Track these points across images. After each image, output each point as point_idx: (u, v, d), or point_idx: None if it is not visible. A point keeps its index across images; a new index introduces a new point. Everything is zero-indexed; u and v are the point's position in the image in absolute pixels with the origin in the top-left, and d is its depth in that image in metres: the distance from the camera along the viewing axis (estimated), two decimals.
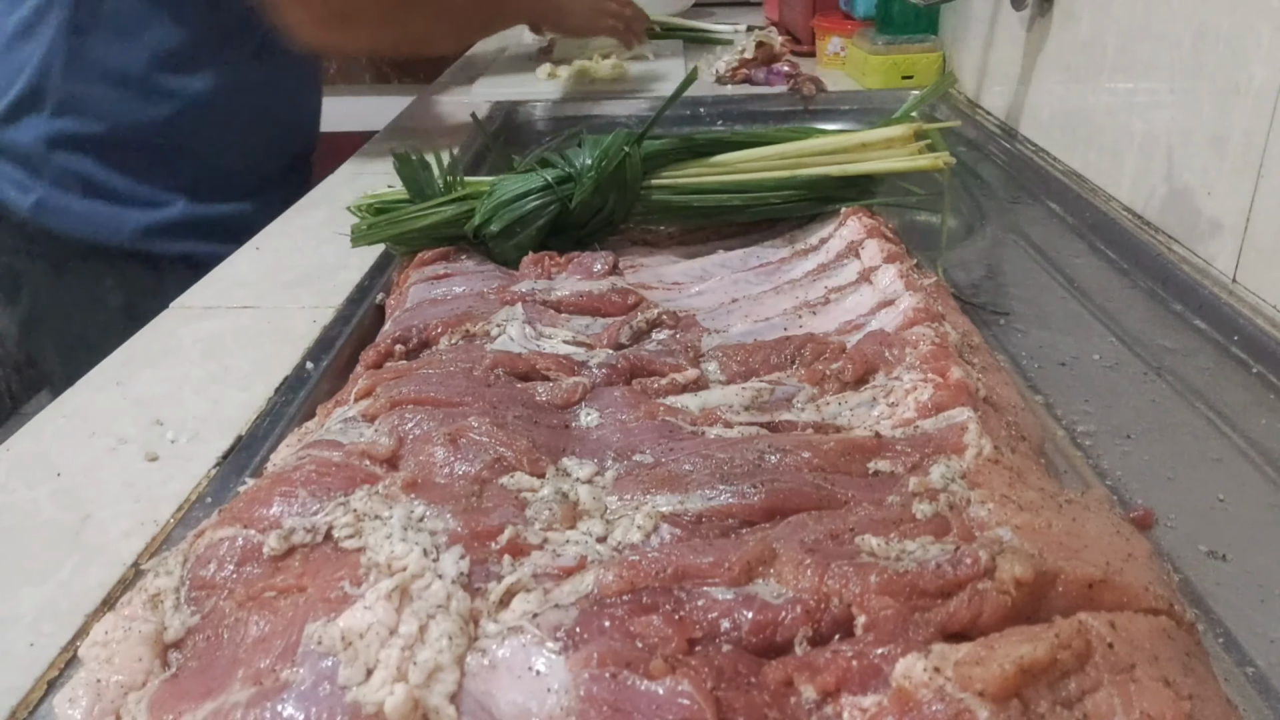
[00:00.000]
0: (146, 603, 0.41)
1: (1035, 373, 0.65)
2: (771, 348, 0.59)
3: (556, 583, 0.39)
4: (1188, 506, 0.51)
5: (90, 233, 1.11)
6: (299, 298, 0.79)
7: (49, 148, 1.09)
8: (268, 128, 1.22)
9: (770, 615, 0.36)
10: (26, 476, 0.57)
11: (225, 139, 1.16)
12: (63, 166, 1.09)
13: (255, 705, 0.34)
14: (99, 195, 1.11)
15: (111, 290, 1.13)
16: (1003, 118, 1.20)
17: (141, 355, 0.71)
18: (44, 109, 1.08)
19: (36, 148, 1.09)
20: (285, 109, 1.25)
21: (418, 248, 0.78)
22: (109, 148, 1.10)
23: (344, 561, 0.40)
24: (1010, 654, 0.33)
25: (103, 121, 1.09)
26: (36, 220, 1.10)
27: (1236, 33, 0.73)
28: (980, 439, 0.47)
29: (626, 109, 1.37)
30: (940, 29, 1.41)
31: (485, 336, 0.63)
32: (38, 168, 1.10)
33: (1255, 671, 0.41)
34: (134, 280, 1.12)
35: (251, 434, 0.60)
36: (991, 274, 0.81)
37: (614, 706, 0.33)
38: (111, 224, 1.11)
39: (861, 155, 0.80)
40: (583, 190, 0.76)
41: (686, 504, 0.43)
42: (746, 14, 2.10)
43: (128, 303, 1.11)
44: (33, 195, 1.10)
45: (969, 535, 0.40)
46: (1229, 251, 0.73)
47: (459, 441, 0.48)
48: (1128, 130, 0.89)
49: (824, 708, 0.34)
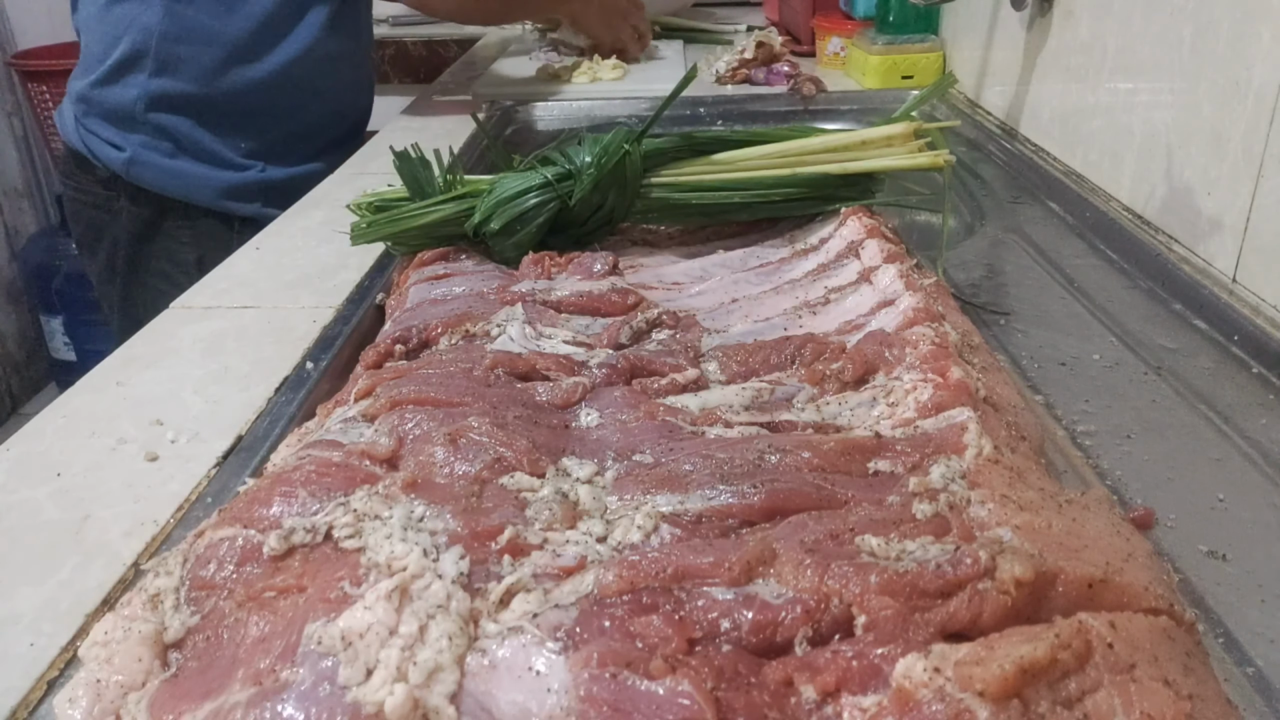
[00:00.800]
0: (146, 603, 0.41)
1: (1035, 373, 0.65)
2: (771, 348, 0.59)
3: (556, 583, 0.39)
4: (1188, 506, 0.51)
5: (178, 190, 1.19)
6: (299, 298, 0.79)
7: (147, 107, 1.16)
8: (336, 95, 1.29)
9: (770, 615, 0.36)
10: (26, 476, 0.57)
11: (302, 105, 1.23)
12: (157, 125, 1.16)
13: (255, 705, 0.34)
14: (188, 155, 1.18)
15: (186, 246, 1.21)
16: (1003, 118, 1.20)
17: (141, 355, 0.71)
18: (145, 69, 1.15)
19: (135, 106, 1.16)
20: (349, 77, 1.32)
21: (417, 246, 0.78)
22: (202, 109, 1.17)
23: (344, 561, 0.40)
24: (1010, 654, 0.33)
25: (198, 83, 1.16)
26: (128, 176, 1.17)
27: (1236, 33, 0.73)
28: (980, 439, 0.47)
29: (627, 109, 1.36)
30: (940, 29, 1.42)
31: (485, 336, 0.63)
32: (133, 126, 1.17)
33: (1255, 671, 0.41)
34: (208, 237, 1.20)
35: (251, 434, 0.60)
36: (991, 274, 0.81)
37: (614, 706, 0.33)
38: (197, 183, 1.19)
39: (862, 153, 0.80)
40: (582, 187, 0.76)
41: (686, 504, 0.43)
42: (746, 14, 2.10)
43: (200, 258, 1.18)
44: (126, 152, 1.17)
45: (969, 535, 0.40)
46: (1229, 251, 0.73)
47: (459, 441, 0.48)
48: (1128, 130, 0.89)
49: (824, 708, 0.34)
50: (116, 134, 1.17)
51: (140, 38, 1.14)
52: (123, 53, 1.14)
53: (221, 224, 1.21)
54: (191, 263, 1.19)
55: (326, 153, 1.27)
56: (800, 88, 1.37)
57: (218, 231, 1.20)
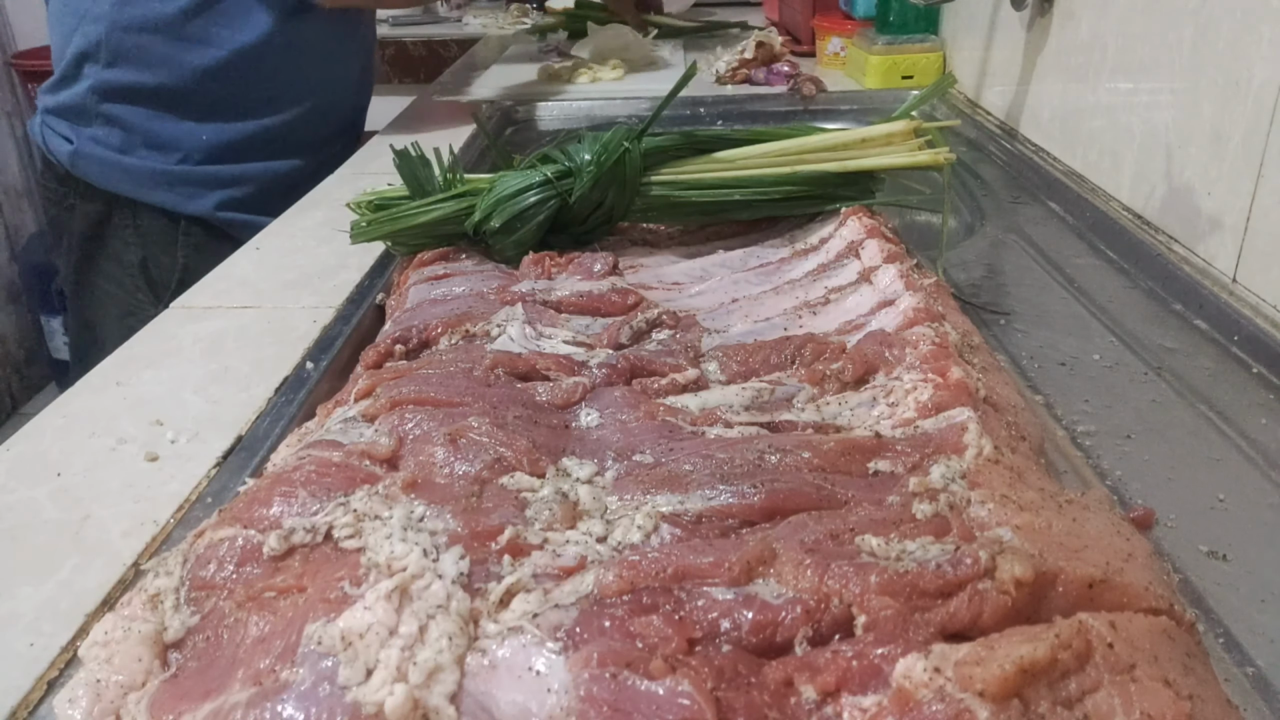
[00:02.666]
0: (146, 603, 0.41)
1: (1035, 373, 0.65)
2: (771, 348, 0.59)
3: (556, 583, 0.39)
4: (1188, 506, 0.51)
5: (124, 185, 1.16)
6: (299, 298, 0.79)
7: (100, 99, 1.14)
8: (313, 91, 1.24)
9: (770, 615, 0.36)
10: (26, 476, 0.57)
11: (269, 98, 1.19)
12: (109, 116, 1.14)
13: (255, 705, 0.34)
14: (141, 148, 1.15)
15: (131, 246, 1.18)
16: (1003, 118, 1.20)
17: (141, 355, 0.71)
18: (99, 60, 1.13)
19: (87, 99, 1.14)
20: (333, 73, 1.27)
21: (418, 245, 0.78)
22: (156, 99, 1.14)
23: (344, 562, 0.40)
24: (1010, 654, 0.33)
25: (150, 72, 1.13)
26: (74, 170, 1.15)
27: (1236, 33, 0.73)
28: (980, 439, 0.47)
29: (627, 109, 1.37)
30: (940, 29, 1.42)
31: (485, 336, 0.63)
32: (85, 119, 1.15)
33: (1255, 672, 0.41)
34: (152, 237, 1.17)
35: (251, 434, 0.60)
36: (991, 274, 0.81)
37: (614, 707, 0.33)
38: (143, 177, 1.16)
39: (862, 151, 0.80)
40: (582, 185, 0.76)
41: (686, 504, 0.43)
42: (746, 14, 2.11)
43: (144, 260, 1.16)
44: (73, 145, 1.15)
45: (969, 535, 0.40)
46: (1229, 251, 0.73)
47: (459, 441, 0.48)
48: (1128, 130, 0.89)
49: (824, 708, 0.34)
50: (70, 128, 1.16)
51: (93, 29, 1.12)
52: (78, 46, 1.13)
53: (167, 222, 1.17)
54: (135, 264, 1.17)
55: (308, 151, 1.23)
56: (800, 88, 1.37)
57: (162, 230, 1.17)
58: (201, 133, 1.17)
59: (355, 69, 1.34)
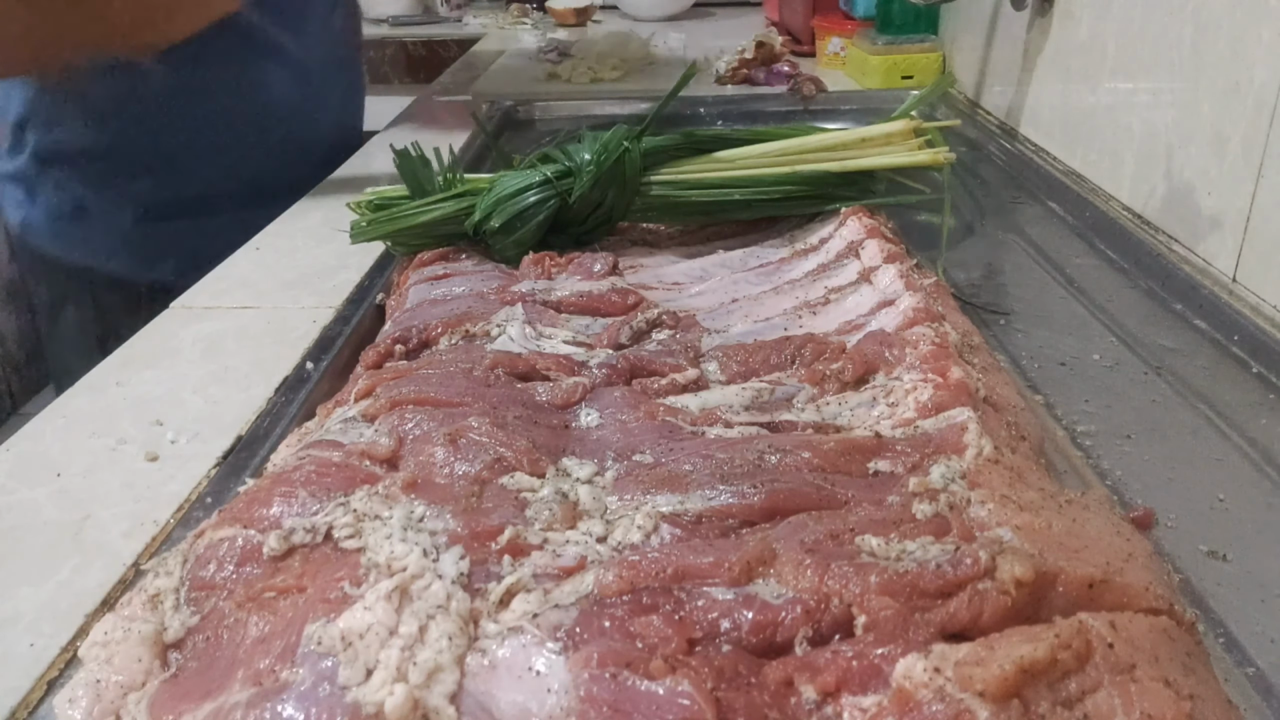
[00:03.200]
0: (146, 603, 0.41)
1: (1035, 373, 0.65)
2: (771, 348, 0.59)
3: (556, 583, 0.39)
4: (1188, 506, 0.51)
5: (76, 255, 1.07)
6: (299, 298, 0.79)
7: (41, 164, 1.05)
8: (282, 121, 1.12)
9: (770, 615, 0.36)
10: (26, 476, 0.57)
11: (233, 141, 1.08)
12: (55, 182, 1.06)
13: (255, 706, 0.34)
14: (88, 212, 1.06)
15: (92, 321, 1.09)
16: (1003, 118, 1.20)
17: (141, 355, 0.71)
18: (37, 127, 1.04)
19: (30, 165, 1.06)
20: (305, 96, 1.14)
21: (417, 245, 0.78)
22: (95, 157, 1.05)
23: (344, 562, 0.40)
24: (1010, 654, 0.33)
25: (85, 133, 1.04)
26: (28, 240, 1.08)
27: (1236, 33, 0.73)
28: (980, 439, 0.47)
29: (627, 109, 1.36)
30: (940, 29, 1.41)
31: (485, 337, 0.63)
32: (32, 187, 1.07)
33: (1255, 672, 0.41)
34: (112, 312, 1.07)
35: (251, 434, 0.60)
36: (991, 274, 0.81)
37: (614, 707, 0.33)
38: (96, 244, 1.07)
39: (861, 151, 0.80)
40: (582, 185, 0.76)
41: (686, 504, 0.43)
42: (746, 14, 2.11)
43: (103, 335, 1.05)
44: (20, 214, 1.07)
45: (969, 535, 0.40)
46: (1229, 251, 0.73)
47: (459, 442, 0.48)
48: (1128, 130, 0.89)
49: (824, 708, 0.34)
50: (24, 196, 1.07)
51: (25, 93, 1.03)
52: (15, 112, 1.04)
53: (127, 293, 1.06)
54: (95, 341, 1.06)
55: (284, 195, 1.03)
56: (800, 88, 1.37)
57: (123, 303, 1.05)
58: (152, 190, 1.06)
59: (333, 92, 1.20)
